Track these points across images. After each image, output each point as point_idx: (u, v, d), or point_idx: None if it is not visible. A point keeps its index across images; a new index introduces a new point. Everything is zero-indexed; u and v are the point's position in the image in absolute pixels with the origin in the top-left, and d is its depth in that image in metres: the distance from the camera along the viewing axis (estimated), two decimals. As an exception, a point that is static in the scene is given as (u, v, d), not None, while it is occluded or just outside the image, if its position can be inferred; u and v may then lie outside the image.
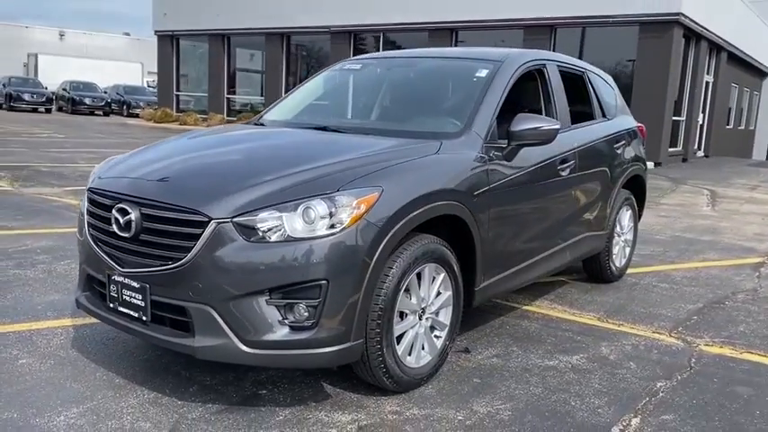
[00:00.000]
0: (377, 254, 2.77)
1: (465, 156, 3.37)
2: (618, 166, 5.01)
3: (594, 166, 4.65)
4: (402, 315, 3.02)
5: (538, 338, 3.95)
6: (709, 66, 20.20)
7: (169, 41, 27.39)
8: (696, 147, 20.62)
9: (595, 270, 5.18)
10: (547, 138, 3.63)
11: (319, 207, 2.69)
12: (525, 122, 3.58)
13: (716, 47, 20.15)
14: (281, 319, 2.69)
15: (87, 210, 3.18)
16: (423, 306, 3.13)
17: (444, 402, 3.04)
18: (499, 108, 3.70)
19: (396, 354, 2.98)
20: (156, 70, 29.50)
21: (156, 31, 27.66)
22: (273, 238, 2.67)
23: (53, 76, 40.74)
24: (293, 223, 2.67)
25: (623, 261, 5.42)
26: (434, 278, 3.18)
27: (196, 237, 2.69)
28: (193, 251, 2.68)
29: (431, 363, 3.22)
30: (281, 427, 2.75)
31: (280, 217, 2.68)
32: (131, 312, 2.92)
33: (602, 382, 3.35)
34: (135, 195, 2.91)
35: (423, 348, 3.18)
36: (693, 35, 17.88)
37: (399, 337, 3.02)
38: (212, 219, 2.67)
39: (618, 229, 5.21)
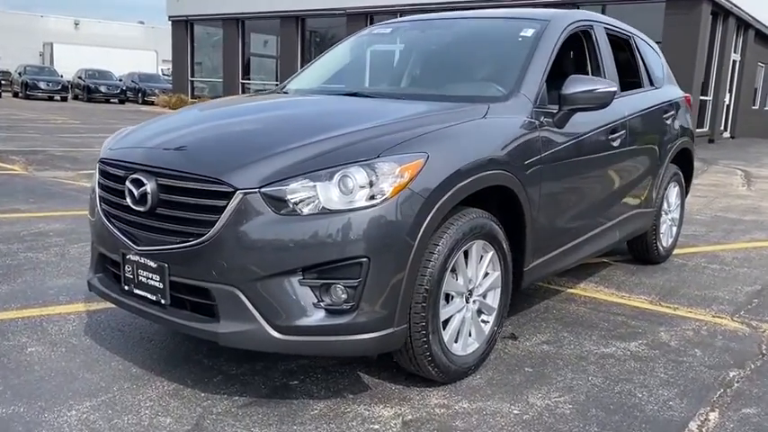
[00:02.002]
0: (422, 228, 2.46)
1: (515, 121, 3.04)
2: (667, 138, 4.64)
3: (644, 138, 4.29)
4: (448, 298, 2.71)
5: (589, 323, 3.63)
6: (736, 44, 19.58)
7: (183, 27, 27.12)
8: (722, 127, 20.04)
9: (641, 250, 4.83)
10: (603, 101, 3.28)
11: (358, 175, 2.37)
12: (579, 84, 3.24)
13: (743, 24, 19.51)
14: (316, 301, 2.38)
15: (99, 183, 2.89)
16: (470, 288, 2.82)
17: (496, 394, 2.73)
18: (548, 70, 3.35)
19: (442, 340, 2.67)
20: (170, 58, 29.28)
21: (170, 17, 27.40)
22: (306, 210, 2.36)
23: (68, 64, 40.68)
24: (328, 194, 2.36)
25: (670, 241, 5.07)
26: (482, 257, 2.86)
27: (220, 210, 2.39)
28: (217, 226, 2.38)
29: (478, 350, 2.91)
30: (316, 422, 2.45)
31: (313, 187, 2.37)
32: (149, 295, 2.63)
33: (667, 372, 3.02)
34: (151, 165, 2.61)
35: (470, 335, 2.87)
36: (721, 11, 17.28)
37: (445, 323, 2.71)
38: (238, 189, 2.37)
39: (665, 206, 4.85)
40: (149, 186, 2.54)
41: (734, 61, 19.78)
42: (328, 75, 4.08)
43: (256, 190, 2.37)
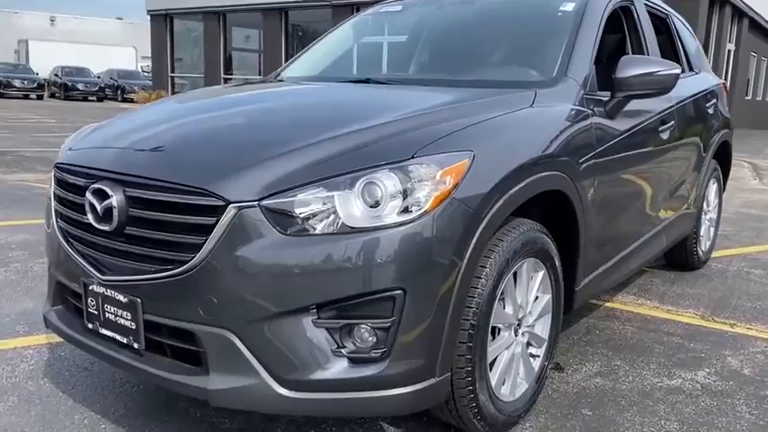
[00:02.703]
0: (470, 249, 1.91)
1: (566, 110, 2.50)
2: (710, 129, 4.13)
3: (690, 130, 3.77)
4: (494, 331, 2.17)
5: (642, 347, 3.10)
6: (731, 33, 19.22)
7: (163, 21, 26.31)
8: (717, 119, 19.68)
9: (680, 256, 4.32)
10: (664, 86, 2.76)
11: (387, 181, 1.82)
12: (635, 66, 2.71)
13: (738, 12, 19.17)
14: (335, 347, 1.83)
15: (54, 194, 2.31)
16: (519, 317, 2.28)
17: (556, 451, 2.19)
18: (596, 49, 2.82)
19: (489, 386, 2.13)
20: (149, 54, 28.44)
21: (148, 11, 26.57)
22: (320, 228, 1.81)
23: (45, 62, 39.54)
24: (349, 206, 1.81)
25: (708, 244, 4.57)
26: (532, 278, 2.32)
27: (207, 229, 1.83)
28: (203, 250, 1.82)
29: (528, 392, 2.38)
30: (336, 499, 1.90)
31: (329, 197, 1.81)
32: (118, 336, 2.06)
33: (752, 411, 2.50)
34: (117, 171, 2.04)
35: (518, 374, 2.33)
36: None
37: (491, 363, 2.17)
38: (231, 202, 1.81)
39: (705, 206, 4.34)
40: (115, 199, 1.97)
41: (728, 51, 19.42)
42: (331, 60, 3.50)
43: (255, 203, 1.81)
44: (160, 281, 1.90)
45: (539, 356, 2.44)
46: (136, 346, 2.02)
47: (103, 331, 2.11)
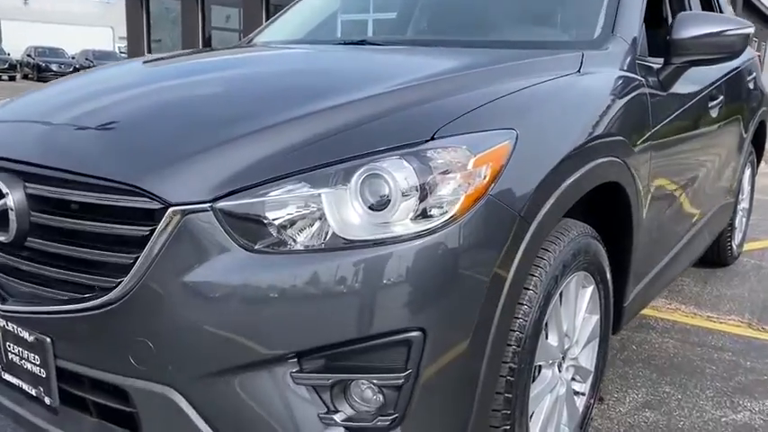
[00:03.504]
0: (513, 267, 1.36)
1: (617, 78, 1.94)
2: (751, 107, 3.60)
3: (734, 107, 3.24)
4: (535, 370, 1.63)
5: (690, 366, 2.59)
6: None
7: (138, 0, 25.35)
8: (709, 100, 19.30)
9: (712, 251, 3.77)
10: (732, 50, 2.21)
11: (398, 173, 1.26)
12: (697, 24, 2.16)
13: (732, -9, 18.69)
14: (324, 412, 1.28)
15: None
16: (565, 348, 1.74)
17: None
18: (645, 4, 2.27)
19: (530, 446, 1.60)
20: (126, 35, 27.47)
21: (123, -11, 25.60)
22: (302, 241, 1.26)
23: (17, 42, 38.28)
24: (343, 210, 1.26)
25: (739, 237, 4.07)
26: (579, 296, 1.78)
27: (138, 243, 1.27)
28: (133, 274, 1.27)
29: (571, 442, 1.85)
30: None
31: (314, 197, 1.26)
32: (24, 386, 1.50)
33: None
34: (14, 159, 1.46)
35: (562, 421, 1.80)
36: (712, -23, 16.38)
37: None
38: (171, 204, 1.25)
39: (740, 195, 3.83)
40: (12, 198, 1.40)
41: (721, 31, 18.98)
42: (315, 20, 2.90)
43: (207, 205, 1.25)
44: (75, 315, 1.34)
45: (583, 394, 1.91)
46: (47, 401, 1.45)
47: (6, 377, 1.54)
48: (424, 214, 1.27)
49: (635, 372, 2.53)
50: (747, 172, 3.96)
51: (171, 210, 1.24)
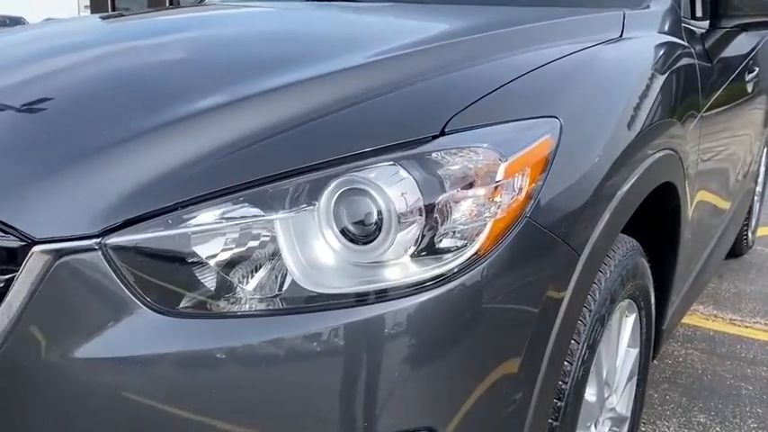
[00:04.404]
0: (554, 333, 0.94)
1: (662, 44, 1.51)
2: (774, 80, 3.21)
3: (764, 80, 2.84)
4: None
5: (722, 386, 2.22)
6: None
7: (102, -35, 24.26)
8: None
9: (727, 241, 3.43)
10: None
11: (392, 189, 0.83)
12: (753, -19, 1.73)
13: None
14: None
15: None
16: (606, 396, 1.33)
17: None
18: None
19: None
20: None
21: (86, -45, 24.46)
22: (244, 295, 0.82)
23: (-22, 11, 36.69)
24: (309, 244, 0.82)
25: (754, 224, 3.70)
26: (620, 331, 1.37)
27: (-8, 298, 0.82)
28: None
29: None
30: None
31: (262, 225, 0.82)
32: None
33: None
34: None
35: (596, 489, 1.40)
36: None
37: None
38: (36, 241, 0.80)
39: (759, 179, 3.46)
40: None
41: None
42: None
43: (94, 241, 0.80)
44: None
45: (619, 445, 1.52)
46: None
47: None
48: (431, 250, 0.84)
49: (661, 396, 2.15)
50: (765, 152, 3.59)
51: (37, 249, 0.79)
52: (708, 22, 1.79)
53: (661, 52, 1.44)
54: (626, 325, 1.40)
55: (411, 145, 0.86)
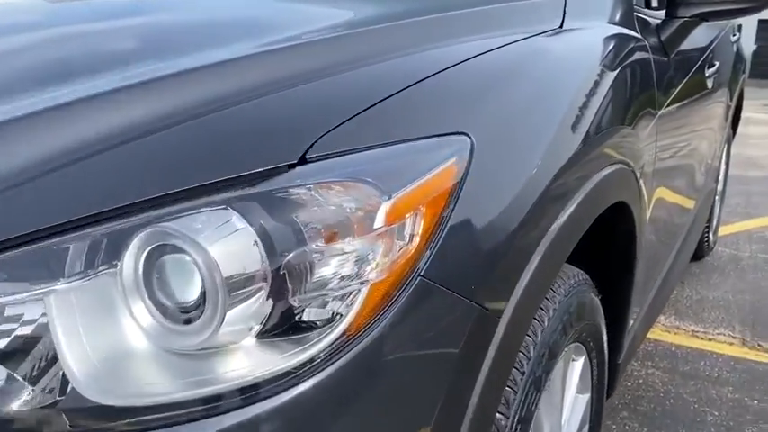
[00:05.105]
0: (471, 409, 0.71)
1: (611, 37, 1.28)
2: (736, 75, 3.05)
3: (724, 76, 2.66)
4: None
5: (685, 412, 2.03)
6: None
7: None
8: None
9: (688, 244, 3.27)
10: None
11: (220, 244, 0.57)
12: (714, -40, 1.52)
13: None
14: None
15: None
16: (546, 467, 1.11)
17: None
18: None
19: None
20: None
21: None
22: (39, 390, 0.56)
23: None
24: (97, 330, 0.56)
25: (715, 224, 3.55)
26: (567, 378, 1.15)
27: None
28: None
29: None
30: None
31: (28, 303, 0.56)
32: None
33: None
34: None
35: None
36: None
37: None
38: None
39: (719, 176, 3.31)
40: None
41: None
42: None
43: None
44: None
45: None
46: None
47: None
48: (286, 329, 0.59)
49: (620, 427, 1.95)
50: (724, 150, 3.43)
51: None
52: (664, 11, 1.57)
53: (610, 46, 1.21)
54: (573, 371, 1.18)
55: (253, 179, 0.61)
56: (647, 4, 1.60)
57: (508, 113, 0.83)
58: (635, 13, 1.44)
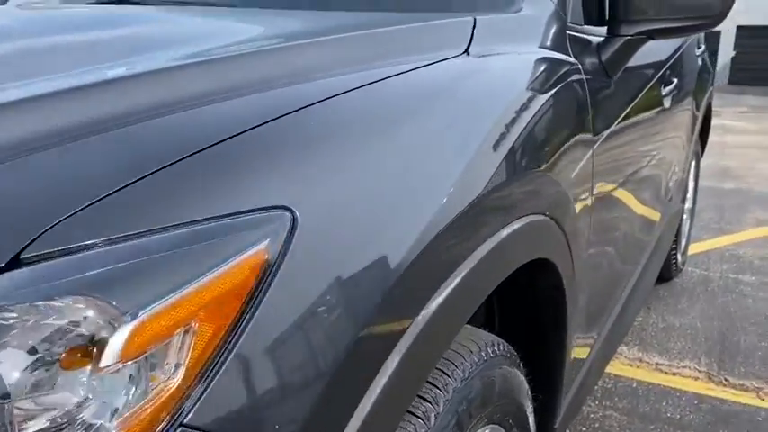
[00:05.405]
0: None
1: (536, 62, 1.11)
2: (702, 90, 2.91)
3: (687, 93, 2.51)
4: None
5: (644, 465, 1.86)
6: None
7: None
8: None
9: (655, 266, 3.11)
10: (712, 12, 1.40)
11: None
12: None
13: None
14: None
15: None
16: None
17: None
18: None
19: None
20: None
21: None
22: None
23: None
24: None
25: (684, 243, 3.41)
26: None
27: None
28: None
29: None
30: None
31: None
32: None
33: None
34: None
35: None
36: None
37: None
38: None
39: (687, 195, 3.16)
40: None
41: None
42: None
43: None
44: None
45: None
46: None
47: None
48: None
49: (570, 481, 1.78)
50: (692, 165, 3.29)
51: None
52: (606, 29, 1.41)
53: (527, 74, 1.04)
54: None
55: None
56: (589, 20, 1.44)
57: (367, 171, 0.65)
58: (568, 33, 1.27)
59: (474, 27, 1.01)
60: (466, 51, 0.96)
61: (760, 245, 3.92)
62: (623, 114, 1.46)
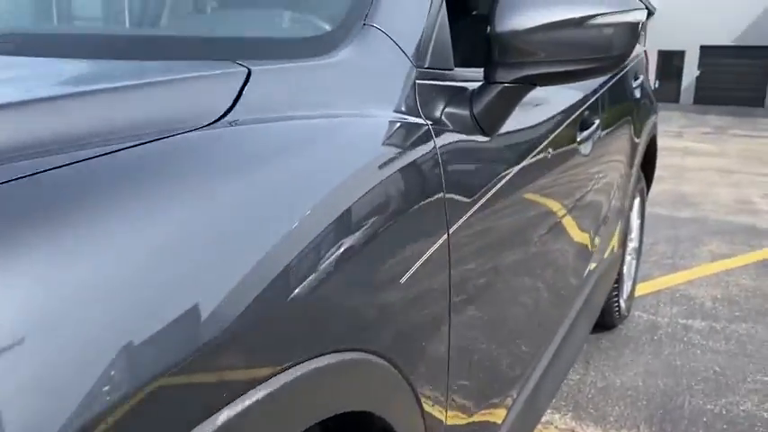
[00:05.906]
0: None
1: (336, 130, 0.81)
2: (641, 124, 2.67)
3: (618, 130, 2.26)
4: None
5: None
6: None
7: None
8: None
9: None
10: (611, 52, 1.12)
11: None
12: (541, 7, 1.07)
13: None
14: None
15: None
16: None
17: None
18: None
19: None
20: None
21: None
22: None
23: None
24: None
25: (629, 286, 3.16)
26: None
27: None
28: None
29: None
30: None
31: None
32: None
33: None
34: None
35: None
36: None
37: None
38: None
39: (628, 235, 2.91)
40: None
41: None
42: None
43: None
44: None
45: None
46: None
47: None
48: None
49: None
50: (636, 203, 3.04)
51: None
52: (483, 72, 1.13)
53: (317, 152, 0.74)
54: None
55: None
56: (463, 62, 1.16)
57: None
58: (419, 83, 0.99)
59: (246, 83, 0.71)
60: (226, 112, 0.67)
61: (713, 283, 3.69)
62: (506, 179, 1.18)
